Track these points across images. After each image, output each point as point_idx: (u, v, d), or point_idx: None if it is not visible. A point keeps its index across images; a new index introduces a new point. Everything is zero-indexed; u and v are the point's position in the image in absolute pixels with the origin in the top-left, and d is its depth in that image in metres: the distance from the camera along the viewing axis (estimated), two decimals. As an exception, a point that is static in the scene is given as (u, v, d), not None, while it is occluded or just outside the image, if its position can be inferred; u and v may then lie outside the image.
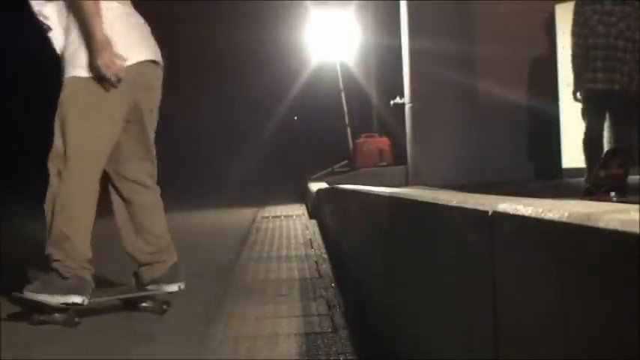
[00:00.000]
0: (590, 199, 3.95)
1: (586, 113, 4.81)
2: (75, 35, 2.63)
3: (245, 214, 7.30)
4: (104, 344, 2.34)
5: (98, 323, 2.60)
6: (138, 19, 2.81)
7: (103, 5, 2.60)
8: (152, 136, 2.83)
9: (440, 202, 1.36)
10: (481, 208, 1.07)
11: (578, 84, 4.83)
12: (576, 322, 0.75)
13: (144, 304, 2.78)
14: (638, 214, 0.68)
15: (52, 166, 2.62)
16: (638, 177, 5.60)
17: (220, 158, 17.36)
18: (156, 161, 2.87)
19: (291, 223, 6.14)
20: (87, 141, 2.61)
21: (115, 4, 2.68)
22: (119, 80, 2.57)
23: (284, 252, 4.27)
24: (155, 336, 2.40)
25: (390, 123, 9.09)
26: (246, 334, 2.25)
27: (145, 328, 2.53)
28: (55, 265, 2.56)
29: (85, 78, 2.59)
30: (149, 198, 2.85)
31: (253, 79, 18.08)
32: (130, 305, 2.79)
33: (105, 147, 2.67)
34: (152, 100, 2.81)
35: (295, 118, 20.97)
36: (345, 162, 10.06)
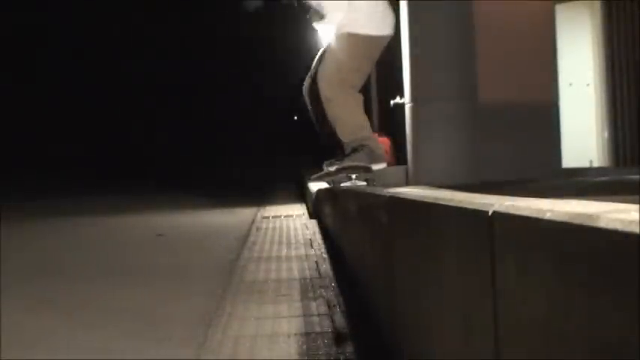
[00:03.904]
0: None
1: None
2: None
3: (245, 214, 7.30)
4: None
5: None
6: None
7: None
8: None
9: (440, 202, 1.36)
10: (481, 208, 1.07)
11: None
12: (576, 322, 0.75)
13: None
14: (638, 214, 0.68)
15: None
16: (637, 177, 5.60)
17: (220, 158, 17.35)
18: None
19: (291, 223, 6.14)
20: None
21: None
22: None
23: (284, 252, 4.26)
24: (155, 336, 2.40)
25: (390, 123, 9.08)
26: (246, 334, 2.24)
27: (145, 327, 2.54)
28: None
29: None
30: None
31: (253, 79, 18.07)
32: None
33: None
34: None
35: (295, 118, 20.95)
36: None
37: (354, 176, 4.33)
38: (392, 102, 8.43)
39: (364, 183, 4.29)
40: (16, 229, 6.62)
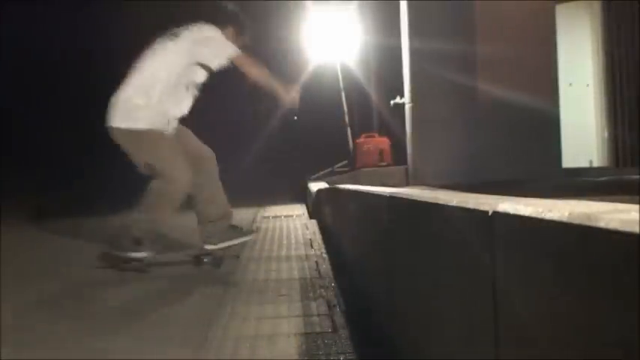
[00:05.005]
0: None
1: None
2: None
3: (245, 214, 7.30)
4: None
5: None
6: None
7: None
8: None
9: (440, 202, 1.36)
10: (481, 208, 1.07)
11: None
12: (576, 322, 0.75)
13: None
14: (638, 214, 0.68)
15: None
16: (637, 177, 5.60)
17: (220, 158, 17.35)
18: None
19: (291, 223, 6.14)
20: None
21: None
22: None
23: (284, 252, 4.26)
24: (156, 337, 2.40)
25: (390, 123, 9.09)
26: (246, 334, 2.25)
27: (146, 329, 2.54)
28: None
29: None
30: None
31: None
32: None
33: None
34: None
35: (295, 118, 20.96)
36: (345, 162, 10.06)
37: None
38: (392, 102, 8.44)
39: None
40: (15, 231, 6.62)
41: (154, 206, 3.75)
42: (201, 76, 3.89)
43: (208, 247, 3.90)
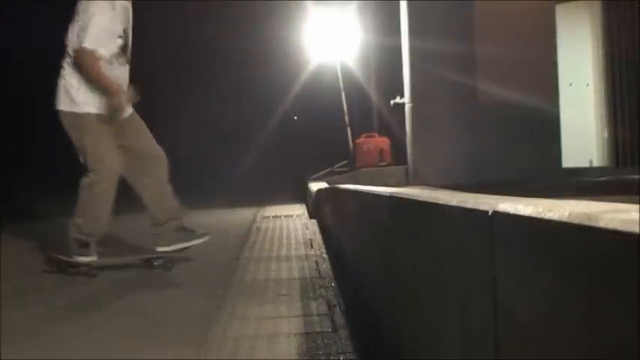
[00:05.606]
0: None
1: None
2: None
3: (245, 214, 7.30)
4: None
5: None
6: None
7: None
8: None
9: (440, 202, 1.36)
10: (481, 208, 1.07)
11: None
12: (576, 322, 0.76)
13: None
14: (638, 214, 0.68)
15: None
16: (637, 177, 5.60)
17: (220, 158, 17.35)
18: None
19: (291, 223, 6.13)
20: None
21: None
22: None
23: (284, 252, 4.27)
24: (158, 336, 2.40)
25: (390, 123, 9.08)
26: (246, 334, 2.25)
27: (146, 329, 2.54)
28: None
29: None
30: None
31: (253, 79, 18.06)
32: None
33: None
34: None
35: (295, 118, 20.97)
36: (345, 162, 10.06)
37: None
38: (392, 102, 8.44)
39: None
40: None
41: (88, 203, 3.65)
42: (113, 44, 3.76)
43: (160, 249, 3.81)
